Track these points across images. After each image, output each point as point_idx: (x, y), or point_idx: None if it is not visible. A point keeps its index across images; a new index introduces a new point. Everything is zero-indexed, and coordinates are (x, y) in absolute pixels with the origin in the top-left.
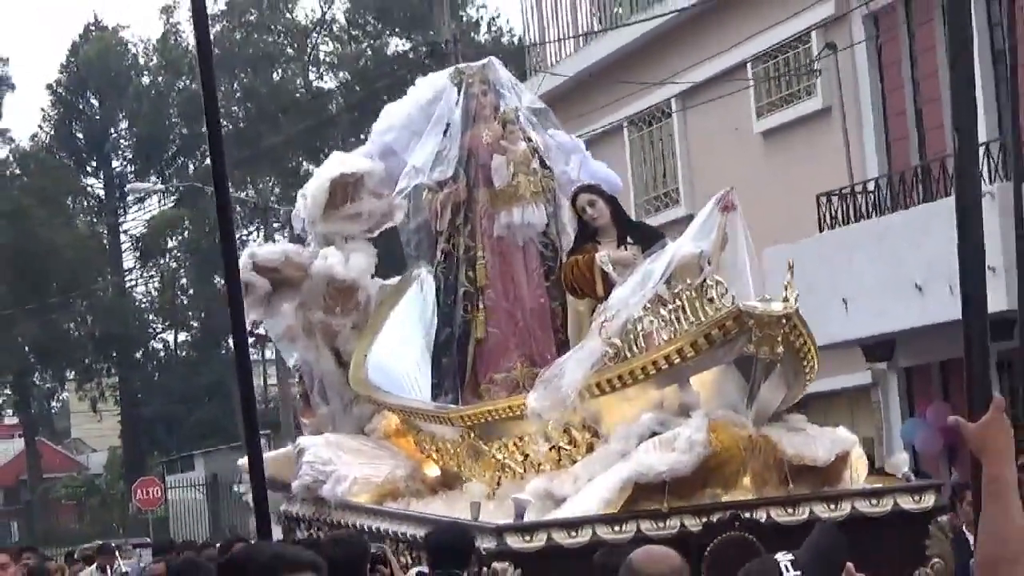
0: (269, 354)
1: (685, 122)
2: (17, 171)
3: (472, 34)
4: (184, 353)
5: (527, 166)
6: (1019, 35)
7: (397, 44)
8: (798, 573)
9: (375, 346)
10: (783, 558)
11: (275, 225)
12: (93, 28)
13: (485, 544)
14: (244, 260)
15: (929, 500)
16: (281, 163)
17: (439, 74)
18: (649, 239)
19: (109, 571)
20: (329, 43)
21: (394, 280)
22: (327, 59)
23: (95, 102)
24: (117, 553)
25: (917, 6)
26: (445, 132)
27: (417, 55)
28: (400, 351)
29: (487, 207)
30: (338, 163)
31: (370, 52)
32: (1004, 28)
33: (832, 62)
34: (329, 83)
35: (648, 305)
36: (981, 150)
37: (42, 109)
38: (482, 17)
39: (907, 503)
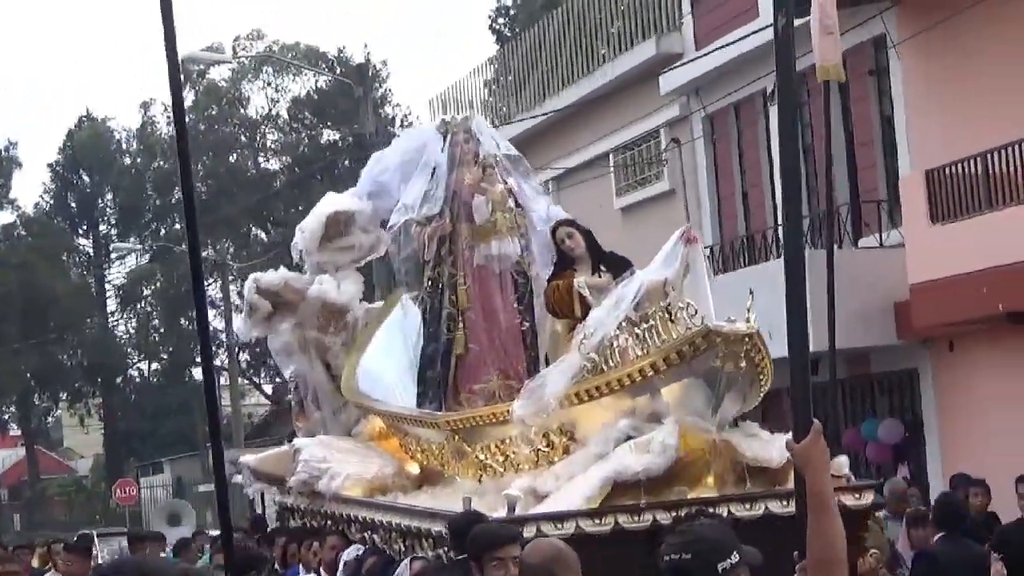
0: (224, 380)
1: (560, 200)
2: (23, 232)
3: (389, 127)
4: (155, 379)
5: (503, 205)
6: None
7: (329, 135)
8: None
9: (364, 360)
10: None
11: (230, 278)
12: (85, 118)
13: None
14: (249, 284)
15: (868, 497)
16: (235, 228)
17: (425, 125)
18: (620, 267)
19: None
20: (275, 133)
21: (378, 304)
22: (273, 146)
23: (86, 178)
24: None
25: (743, 111)
26: (432, 174)
27: (345, 144)
28: (386, 364)
29: (468, 240)
30: (332, 202)
31: (307, 141)
32: (811, 130)
33: (676, 153)
34: (274, 165)
35: (622, 324)
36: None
37: (43, 183)
38: (397, 114)
39: (849, 500)
